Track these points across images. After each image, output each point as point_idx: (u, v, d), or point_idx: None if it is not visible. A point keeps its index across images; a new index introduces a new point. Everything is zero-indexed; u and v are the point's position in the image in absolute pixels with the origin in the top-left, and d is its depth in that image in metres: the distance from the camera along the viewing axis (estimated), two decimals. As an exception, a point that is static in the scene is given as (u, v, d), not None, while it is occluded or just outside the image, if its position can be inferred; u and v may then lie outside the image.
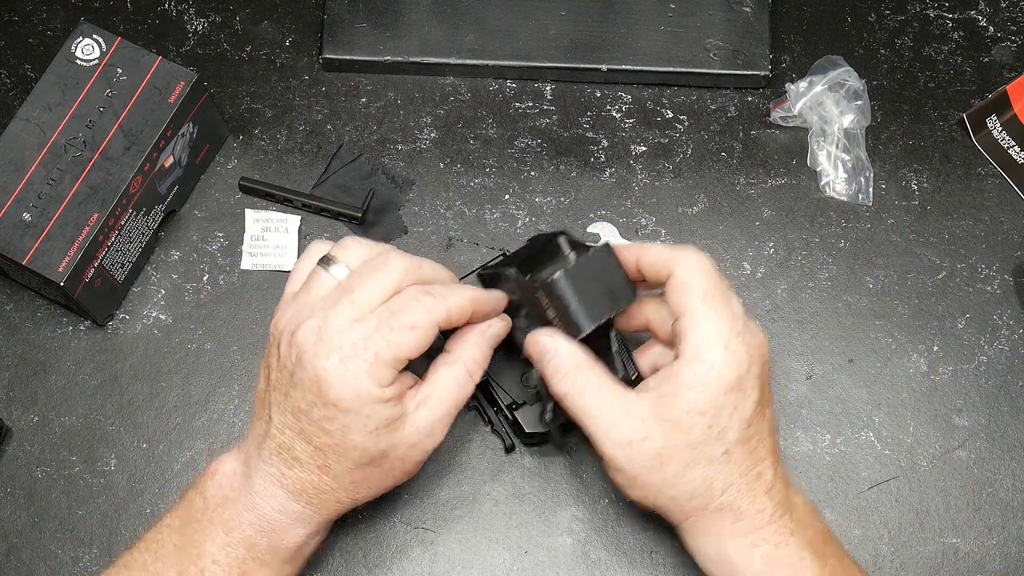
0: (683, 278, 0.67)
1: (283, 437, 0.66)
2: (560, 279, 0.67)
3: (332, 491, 0.68)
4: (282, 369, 0.66)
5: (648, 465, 0.66)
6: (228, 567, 0.66)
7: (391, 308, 0.65)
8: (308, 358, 0.64)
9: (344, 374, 0.64)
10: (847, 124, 0.85)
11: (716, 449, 0.66)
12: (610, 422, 0.66)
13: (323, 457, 0.66)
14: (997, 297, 0.84)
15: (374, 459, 0.67)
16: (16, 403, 0.80)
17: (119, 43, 0.78)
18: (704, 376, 0.65)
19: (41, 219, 0.74)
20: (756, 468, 0.67)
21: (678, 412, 0.65)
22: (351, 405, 0.64)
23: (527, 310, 0.71)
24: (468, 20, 0.87)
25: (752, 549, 0.67)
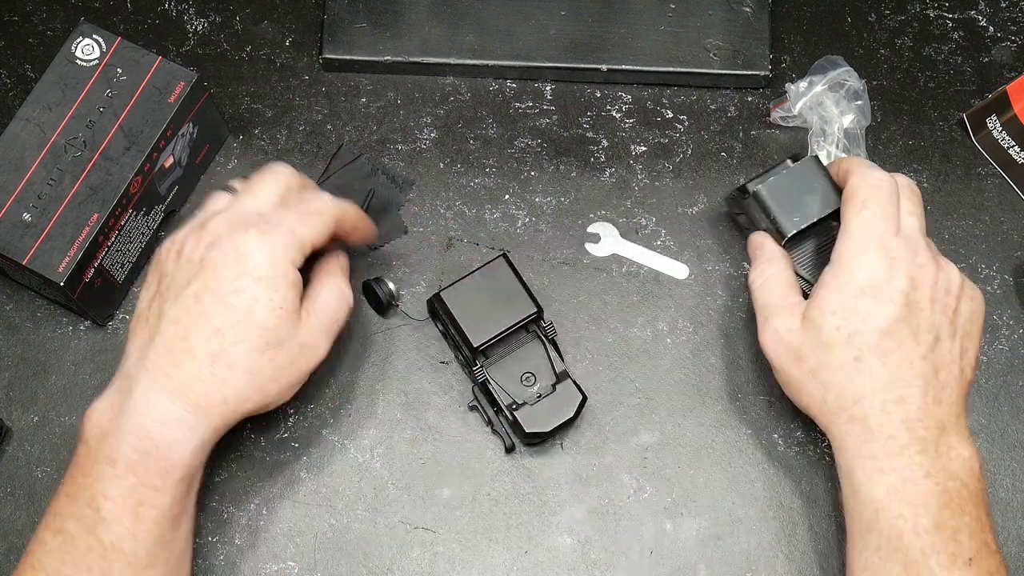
0: (852, 187, 0.71)
1: (176, 328, 0.67)
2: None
3: (221, 384, 0.67)
4: (187, 262, 0.69)
5: (788, 358, 0.71)
6: (121, 499, 0.65)
7: (297, 198, 0.71)
8: (224, 237, 0.68)
9: (263, 244, 0.68)
10: (847, 124, 0.85)
11: (847, 353, 0.68)
12: (771, 312, 0.73)
13: (220, 340, 0.67)
14: (997, 297, 0.84)
15: (270, 344, 0.68)
16: (16, 403, 0.80)
17: (119, 43, 0.78)
18: (840, 278, 0.69)
19: (41, 219, 0.74)
20: (896, 391, 0.67)
21: (814, 310, 0.70)
22: (266, 273, 0.67)
23: None
24: (468, 20, 0.87)
25: (879, 476, 0.67)
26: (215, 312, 0.67)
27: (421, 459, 0.79)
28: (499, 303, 0.76)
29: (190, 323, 0.67)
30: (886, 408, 0.67)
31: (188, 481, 0.68)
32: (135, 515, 0.66)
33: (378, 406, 0.81)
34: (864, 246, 0.69)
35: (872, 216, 0.70)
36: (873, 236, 0.69)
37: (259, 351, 0.68)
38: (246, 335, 0.67)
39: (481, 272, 0.77)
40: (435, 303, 0.77)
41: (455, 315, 0.76)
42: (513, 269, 0.77)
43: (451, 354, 0.81)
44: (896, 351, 0.68)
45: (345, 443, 0.80)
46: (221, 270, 0.67)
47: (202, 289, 0.67)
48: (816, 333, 0.69)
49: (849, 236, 0.70)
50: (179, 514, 0.68)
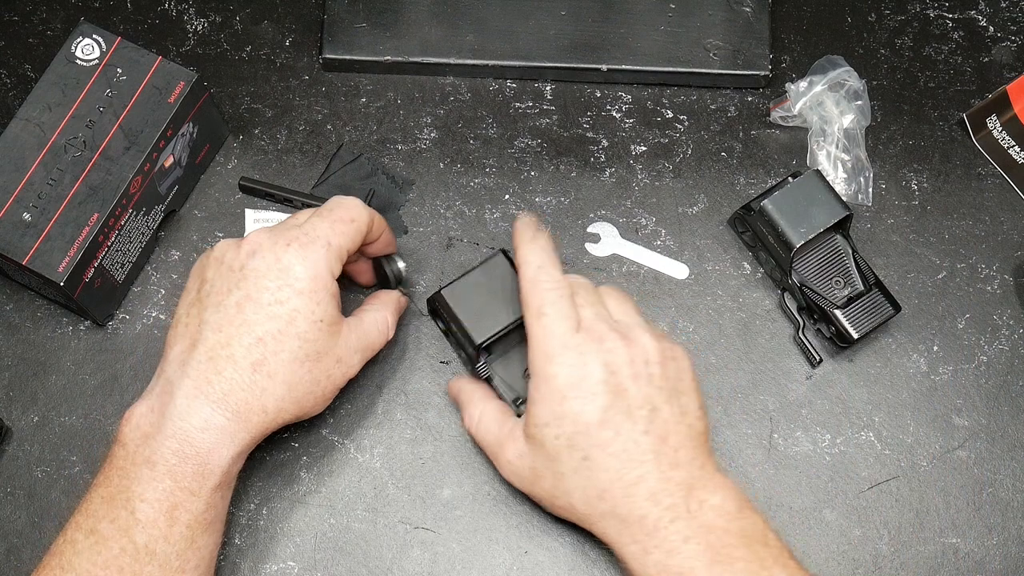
0: (524, 296, 0.70)
1: (218, 336, 0.68)
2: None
3: (261, 393, 0.68)
4: (228, 270, 0.69)
5: (529, 480, 0.72)
6: (157, 502, 0.66)
7: (328, 207, 0.72)
8: (267, 247, 0.69)
9: (304, 257, 0.69)
10: (847, 124, 0.85)
11: (575, 456, 0.68)
12: (498, 446, 0.73)
13: (261, 348, 0.67)
14: (997, 297, 0.84)
15: (309, 355, 0.69)
16: (16, 403, 0.80)
17: (119, 43, 0.78)
18: (540, 389, 0.69)
19: (41, 219, 0.74)
20: (632, 472, 0.67)
21: (531, 428, 0.70)
22: (307, 286, 0.68)
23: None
24: (468, 20, 0.87)
25: (645, 557, 0.67)
26: (257, 321, 0.68)
27: (421, 459, 0.79)
28: (500, 300, 0.75)
29: (232, 331, 0.68)
30: (627, 493, 0.67)
31: (223, 487, 0.69)
32: (170, 518, 0.66)
33: (378, 406, 0.81)
34: (551, 352, 0.68)
35: (550, 322, 0.69)
36: (556, 340, 0.68)
37: (299, 362, 0.69)
38: (287, 345, 0.68)
39: (480, 269, 0.77)
40: (436, 302, 0.77)
41: (456, 313, 0.76)
42: (512, 265, 0.76)
43: (452, 354, 0.81)
44: (616, 438, 0.67)
45: (345, 443, 0.80)
46: (263, 280, 0.68)
47: (244, 298, 0.68)
48: (540, 448, 0.69)
49: (535, 346, 0.69)
50: (212, 520, 0.69)
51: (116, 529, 0.66)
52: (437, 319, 0.80)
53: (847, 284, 0.80)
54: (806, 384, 0.82)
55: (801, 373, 0.82)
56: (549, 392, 0.68)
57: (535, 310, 0.70)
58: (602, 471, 0.68)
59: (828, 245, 0.80)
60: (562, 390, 0.68)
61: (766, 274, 0.84)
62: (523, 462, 0.71)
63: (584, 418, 0.67)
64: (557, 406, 0.68)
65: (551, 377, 0.68)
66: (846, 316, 0.79)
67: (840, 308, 0.79)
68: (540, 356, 0.69)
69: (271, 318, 0.68)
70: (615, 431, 0.67)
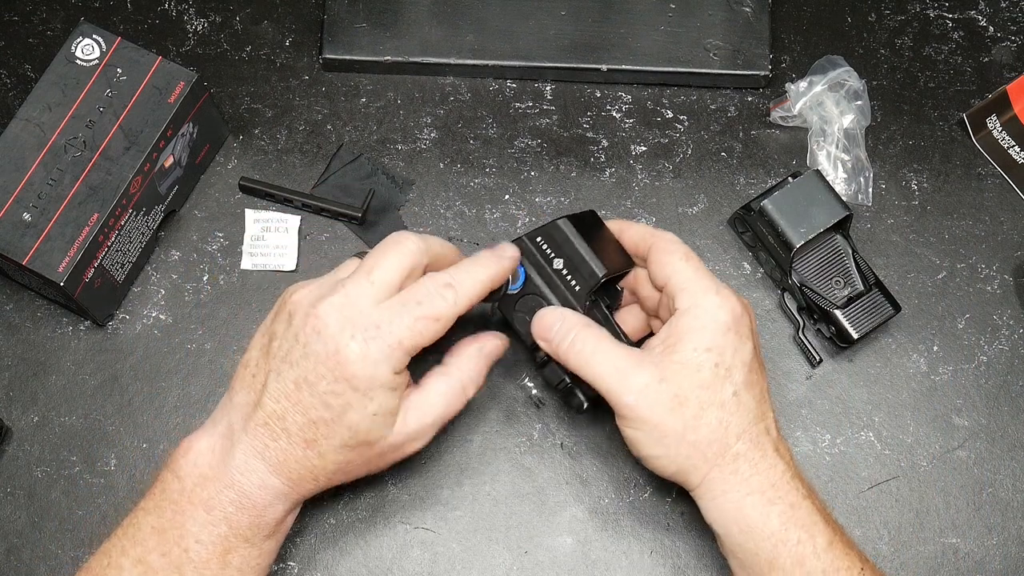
0: (663, 247, 0.72)
1: (276, 406, 0.67)
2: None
3: (311, 468, 0.68)
4: (294, 339, 0.67)
5: (667, 407, 0.68)
6: (211, 545, 0.67)
7: (416, 298, 0.67)
8: (330, 333, 0.65)
9: (365, 354, 0.65)
10: (847, 124, 0.85)
11: (727, 389, 0.68)
12: (624, 373, 0.68)
13: (313, 431, 0.67)
14: (997, 297, 0.84)
15: (360, 444, 0.68)
16: (16, 403, 0.80)
17: (119, 43, 0.78)
18: (703, 319, 0.69)
19: (41, 219, 0.74)
20: (763, 421, 0.69)
21: (687, 353, 0.68)
22: (363, 385, 0.65)
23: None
24: (468, 20, 0.87)
25: (769, 507, 0.67)
26: (312, 405, 0.66)
27: (421, 459, 0.79)
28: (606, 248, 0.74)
29: (288, 406, 0.67)
30: (761, 441, 0.69)
31: (277, 536, 0.70)
32: (222, 562, 0.67)
33: (378, 406, 0.81)
34: (712, 287, 0.70)
35: (699, 265, 0.71)
36: (712, 281, 0.70)
37: (349, 448, 0.68)
38: (337, 432, 0.67)
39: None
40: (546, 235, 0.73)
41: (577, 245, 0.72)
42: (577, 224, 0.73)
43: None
44: (757, 383, 0.70)
45: (345, 443, 0.80)
46: (320, 367, 0.65)
47: (301, 379, 0.66)
48: (695, 374, 0.68)
49: (692, 281, 0.70)
50: (263, 566, 0.70)
51: (168, 564, 0.66)
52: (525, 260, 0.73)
53: (847, 284, 0.80)
54: (806, 384, 0.82)
55: (801, 373, 0.82)
56: (713, 322, 0.69)
57: (681, 254, 0.71)
58: (746, 411, 0.69)
59: (828, 245, 0.80)
60: (727, 322, 0.69)
61: (766, 274, 0.84)
62: (666, 386, 0.68)
63: (741, 355, 0.69)
64: (721, 336, 0.68)
65: (716, 308, 0.69)
66: (846, 316, 0.79)
67: (840, 308, 0.79)
68: (699, 290, 0.70)
69: (325, 406, 0.66)
70: (757, 376, 0.70)
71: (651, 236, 0.73)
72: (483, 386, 0.72)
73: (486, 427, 0.80)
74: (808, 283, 0.80)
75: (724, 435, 0.68)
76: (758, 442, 0.69)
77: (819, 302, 0.79)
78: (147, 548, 0.67)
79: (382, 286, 0.67)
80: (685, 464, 0.69)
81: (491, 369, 0.73)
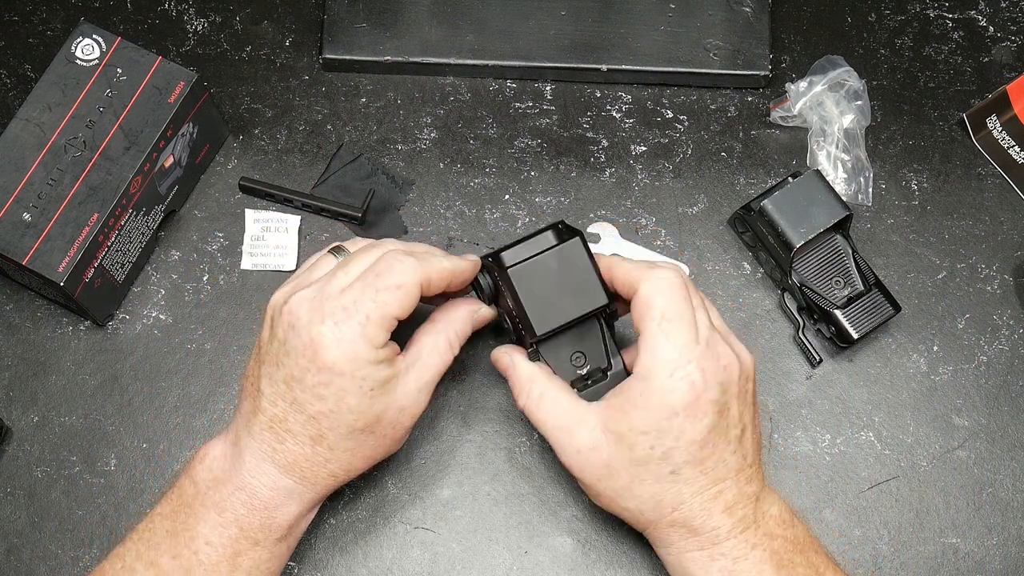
0: (644, 297, 0.67)
1: (275, 409, 0.67)
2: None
3: (325, 462, 0.68)
4: (274, 339, 0.67)
5: (599, 475, 0.68)
6: (221, 547, 0.66)
7: (376, 271, 0.67)
8: (302, 324, 0.66)
9: (338, 337, 0.65)
10: (847, 124, 0.85)
11: (663, 468, 0.66)
12: (565, 432, 0.68)
13: (317, 426, 0.66)
14: (997, 297, 0.84)
15: (368, 424, 0.67)
16: (16, 403, 0.80)
17: (119, 43, 0.78)
18: (649, 398, 0.66)
19: (41, 219, 0.74)
20: (713, 487, 0.67)
21: (623, 427, 0.66)
22: (346, 368, 0.65)
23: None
24: (468, 20, 0.87)
25: (710, 563, 0.67)
26: (307, 401, 0.66)
27: (421, 459, 0.79)
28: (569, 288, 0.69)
29: (286, 407, 0.67)
30: (705, 506, 0.67)
31: (289, 539, 0.70)
32: (232, 564, 0.67)
33: (378, 406, 0.81)
34: (673, 366, 0.65)
35: (674, 330, 0.66)
36: (681, 353, 0.65)
37: (359, 431, 0.67)
38: (341, 420, 0.67)
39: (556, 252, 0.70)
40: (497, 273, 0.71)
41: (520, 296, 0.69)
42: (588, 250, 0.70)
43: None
44: (711, 457, 0.66)
45: (345, 443, 0.80)
46: (301, 360, 0.65)
47: (290, 377, 0.66)
48: (627, 451, 0.66)
49: (655, 355, 0.66)
50: (274, 569, 0.69)
51: (177, 566, 0.66)
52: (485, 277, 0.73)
53: (847, 284, 0.80)
54: (806, 384, 0.82)
55: (801, 373, 0.82)
56: (660, 404, 0.65)
57: (657, 313, 0.66)
58: (686, 485, 0.67)
59: (828, 245, 0.80)
60: (675, 407, 0.65)
61: (766, 274, 0.84)
62: (597, 456, 0.67)
63: (688, 436, 0.65)
64: (664, 420, 0.65)
65: (667, 391, 0.65)
66: (846, 316, 0.79)
67: (840, 308, 0.79)
68: (659, 365, 0.65)
69: (319, 398, 0.66)
70: (712, 450, 0.66)
71: (639, 279, 0.68)
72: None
73: (486, 427, 0.80)
74: (808, 283, 0.80)
75: (658, 506, 0.67)
76: (701, 508, 0.67)
77: (819, 302, 0.79)
78: (160, 551, 0.67)
79: (352, 275, 0.67)
80: (624, 517, 0.70)
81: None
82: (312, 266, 0.71)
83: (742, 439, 0.68)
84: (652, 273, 0.67)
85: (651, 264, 0.69)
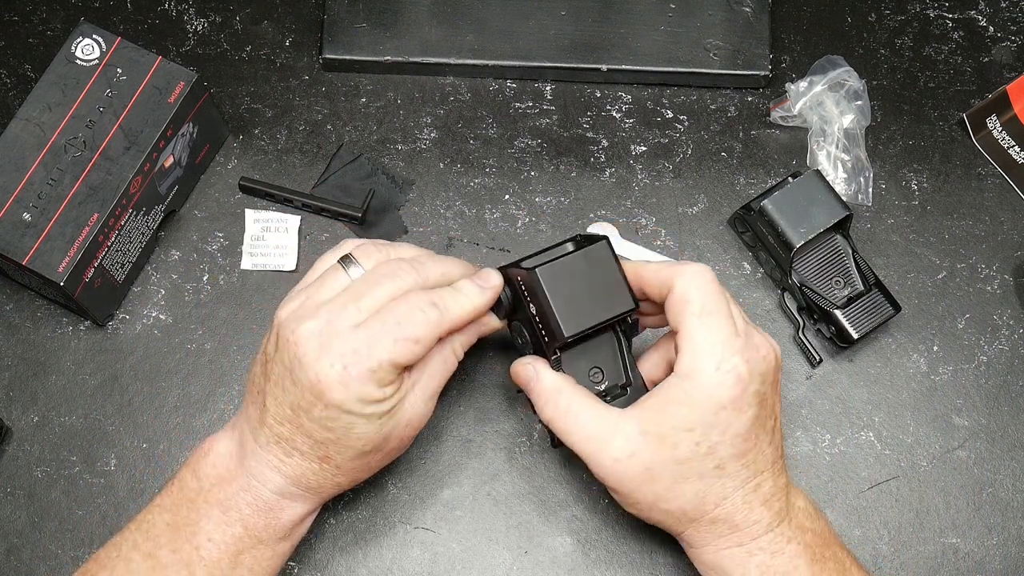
0: (681, 294, 0.66)
1: (281, 429, 0.66)
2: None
3: (332, 477, 0.68)
4: (282, 365, 0.65)
5: (638, 481, 0.66)
6: (224, 545, 0.66)
7: (397, 318, 0.64)
8: (309, 361, 0.64)
9: (347, 380, 0.64)
10: (847, 124, 0.85)
11: (707, 464, 0.66)
12: (598, 442, 0.67)
13: (324, 449, 0.66)
14: (997, 297, 0.84)
15: (377, 446, 0.67)
16: (16, 403, 0.80)
17: (119, 43, 0.78)
18: (693, 394, 0.65)
19: (41, 219, 0.74)
20: (754, 480, 0.67)
21: (664, 428, 0.65)
22: (354, 407, 0.64)
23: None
24: (468, 20, 0.87)
25: (748, 558, 0.67)
26: (313, 429, 0.65)
27: (421, 459, 0.79)
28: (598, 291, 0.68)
29: (292, 429, 0.66)
30: (747, 499, 0.67)
31: (292, 539, 0.70)
32: (233, 562, 0.67)
33: (378, 406, 0.81)
34: (719, 359, 0.65)
35: (715, 323, 0.65)
36: (725, 347, 0.65)
37: (366, 454, 0.67)
38: (349, 445, 0.66)
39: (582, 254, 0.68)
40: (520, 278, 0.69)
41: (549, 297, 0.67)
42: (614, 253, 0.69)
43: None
44: (753, 449, 0.66)
45: (345, 443, 0.80)
46: (308, 395, 0.64)
47: (296, 405, 0.65)
48: (670, 451, 0.65)
49: (699, 350, 0.65)
50: (274, 568, 0.69)
51: (177, 560, 0.66)
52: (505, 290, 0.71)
53: (847, 284, 0.80)
54: (806, 384, 0.82)
55: (801, 373, 0.82)
56: (707, 399, 0.64)
57: (698, 307, 0.66)
58: (730, 479, 0.66)
59: (828, 245, 0.80)
60: (722, 400, 0.64)
61: (766, 274, 0.84)
62: (636, 461, 0.66)
63: (734, 429, 0.65)
64: (711, 415, 0.64)
65: (715, 385, 0.64)
66: (846, 316, 0.79)
67: (840, 308, 0.79)
68: (705, 359, 0.65)
69: (326, 429, 0.65)
70: (754, 442, 0.66)
71: (672, 276, 0.67)
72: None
73: (486, 427, 0.80)
74: (808, 283, 0.80)
75: (701, 504, 0.67)
76: (743, 502, 0.67)
77: (819, 302, 0.79)
78: (158, 544, 0.66)
79: (366, 313, 0.65)
80: (661, 521, 0.69)
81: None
82: (320, 280, 0.68)
83: (775, 429, 0.68)
84: (685, 268, 0.67)
85: (675, 262, 0.68)
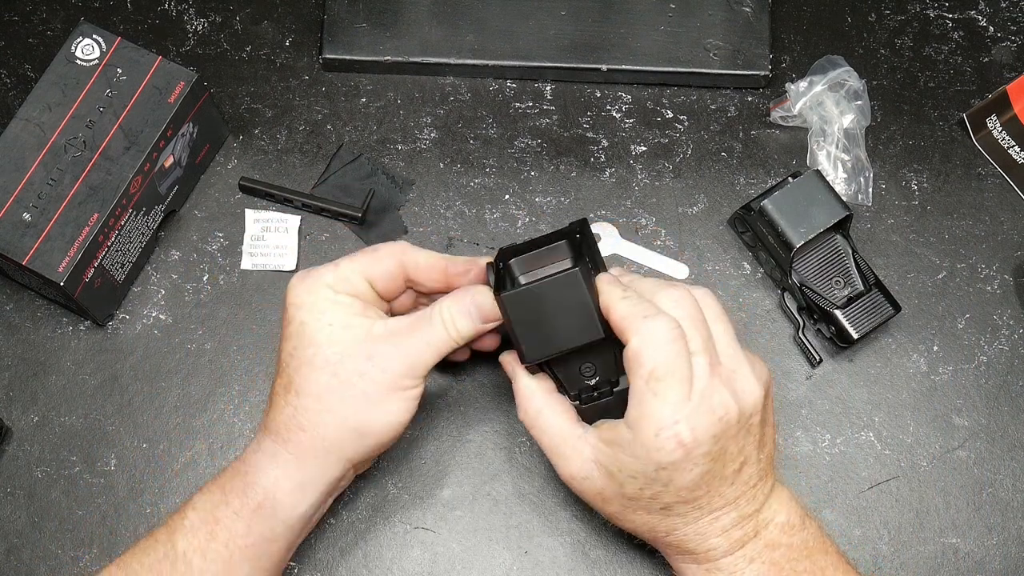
0: (635, 352, 0.63)
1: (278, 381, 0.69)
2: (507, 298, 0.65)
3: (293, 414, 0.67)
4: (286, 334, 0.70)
5: (594, 500, 0.69)
6: (204, 511, 0.68)
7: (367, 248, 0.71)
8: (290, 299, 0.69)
9: (301, 280, 0.69)
10: (847, 124, 0.85)
11: (654, 505, 0.66)
12: (559, 456, 0.68)
13: (287, 372, 0.68)
14: (997, 297, 0.84)
15: (328, 360, 0.66)
16: (16, 403, 0.80)
17: (119, 43, 0.78)
18: (635, 449, 0.64)
19: (41, 219, 0.74)
20: (708, 516, 0.66)
21: (613, 467, 0.66)
22: (306, 300, 0.68)
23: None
24: (468, 20, 0.87)
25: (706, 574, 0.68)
26: (282, 349, 0.69)
27: (421, 459, 0.79)
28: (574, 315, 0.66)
29: (277, 373, 0.70)
30: (700, 532, 0.66)
31: (267, 514, 0.67)
32: (210, 533, 0.67)
33: (378, 406, 0.81)
34: (659, 425, 0.62)
35: (664, 389, 0.62)
36: (671, 413, 0.62)
37: (319, 369, 0.67)
38: (301, 356, 0.68)
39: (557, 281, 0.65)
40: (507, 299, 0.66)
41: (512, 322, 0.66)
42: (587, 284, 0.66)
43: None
44: (704, 496, 0.65)
45: (345, 443, 0.80)
46: (281, 315, 0.70)
47: (280, 341, 0.70)
48: (617, 487, 0.66)
49: (643, 413, 0.63)
50: (251, 546, 0.67)
51: (166, 532, 0.67)
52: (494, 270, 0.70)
53: (847, 284, 0.80)
54: (806, 384, 0.82)
55: (801, 373, 0.82)
56: (647, 458, 0.63)
57: (646, 372, 0.63)
58: (678, 517, 0.66)
59: (828, 245, 0.80)
60: (661, 462, 0.63)
61: (766, 274, 0.84)
62: (590, 484, 0.67)
63: (676, 484, 0.64)
64: (652, 471, 0.64)
65: (654, 450, 0.63)
66: (846, 316, 0.79)
67: (840, 308, 0.79)
68: (646, 421, 0.63)
69: (286, 339, 0.69)
70: (705, 490, 0.65)
71: (627, 332, 0.64)
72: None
73: (486, 427, 0.80)
74: (808, 283, 0.80)
75: (652, 531, 0.68)
76: (696, 534, 0.66)
77: (819, 302, 0.79)
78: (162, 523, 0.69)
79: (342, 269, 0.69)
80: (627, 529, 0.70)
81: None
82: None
83: (741, 471, 0.66)
84: (644, 325, 0.63)
85: (649, 308, 0.64)
